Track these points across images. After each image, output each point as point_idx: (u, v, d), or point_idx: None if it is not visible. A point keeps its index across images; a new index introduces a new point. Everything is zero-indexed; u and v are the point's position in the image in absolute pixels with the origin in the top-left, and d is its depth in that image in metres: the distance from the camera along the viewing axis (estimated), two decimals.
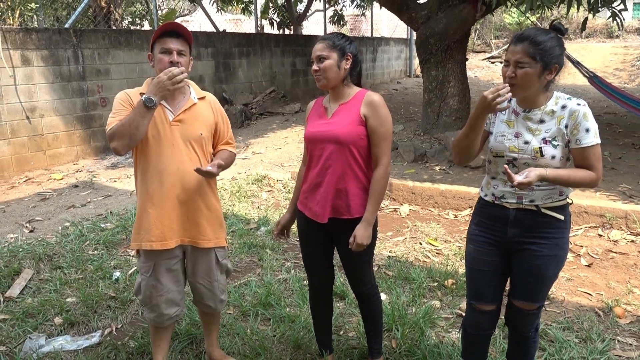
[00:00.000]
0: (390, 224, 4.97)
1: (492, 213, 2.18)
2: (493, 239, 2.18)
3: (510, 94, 1.92)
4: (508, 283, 2.32)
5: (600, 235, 4.45)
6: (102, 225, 4.82)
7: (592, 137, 1.99)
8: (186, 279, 2.62)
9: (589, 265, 3.94)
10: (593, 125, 1.99)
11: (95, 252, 4.28)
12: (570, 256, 4.09)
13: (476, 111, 1.98)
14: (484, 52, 21.86)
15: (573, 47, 20.13)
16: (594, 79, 8.26)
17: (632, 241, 4.31)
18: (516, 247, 2.14)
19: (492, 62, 20.31)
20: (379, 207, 2.41)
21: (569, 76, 17.39)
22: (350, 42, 2.38)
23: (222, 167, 2.47)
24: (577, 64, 8.56)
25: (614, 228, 4.51)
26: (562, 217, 2.08)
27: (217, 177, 2.59)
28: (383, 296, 3.44)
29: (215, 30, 11.55)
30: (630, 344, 2.92)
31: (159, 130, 2.37)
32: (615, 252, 4.13)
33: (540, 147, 2.01)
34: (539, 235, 2.09)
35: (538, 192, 2.06)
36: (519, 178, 1.88)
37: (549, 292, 3.51)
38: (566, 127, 2.01)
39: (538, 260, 2.09)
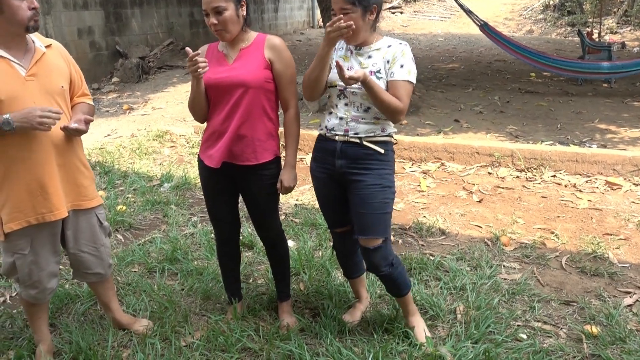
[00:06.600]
0: (297, 174, 5.02)
1: (324, 146, 2.38)
2: (326, 171, 2.39)
3: (344, 23, 2.05)
4: None
5: (489, 173, 4.80)
6: None
7: (404, 74, 2.21)
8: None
9: (479, 201, 4.25)
10: (409, 65, 2.22)
11: None
12: (463, 193, 4.39)
13: (323, 45, 2.15)
14: (385, 2, 22.14)
15: None
16: (484, 27, 8.68)
17: (517, 177, 4.70)
18: (345, 179, 2.33)
19: (393, 13, 20.64)
20: (298, 148, 2.46)
21: (464, 26, 18.12)
22: None
23: (88, 122, 2.25)
24: (469, 12, 8.92)
25: (501, 166, 4.88)
26: (382, 151, 2.29)
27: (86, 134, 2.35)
28: (290, 243, 3.51)
29: None
30: (514, 268, 3.23)
31: (14, 88, 2.06)
32: (503, 188, 4.48)
33: None
34: (363, 166, 2.28)
35: (362, 125, 2.27)
36: (349, 72, 2.09)
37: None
38: (387, 62, 2.23)
39: (365, 190, 2.28)
